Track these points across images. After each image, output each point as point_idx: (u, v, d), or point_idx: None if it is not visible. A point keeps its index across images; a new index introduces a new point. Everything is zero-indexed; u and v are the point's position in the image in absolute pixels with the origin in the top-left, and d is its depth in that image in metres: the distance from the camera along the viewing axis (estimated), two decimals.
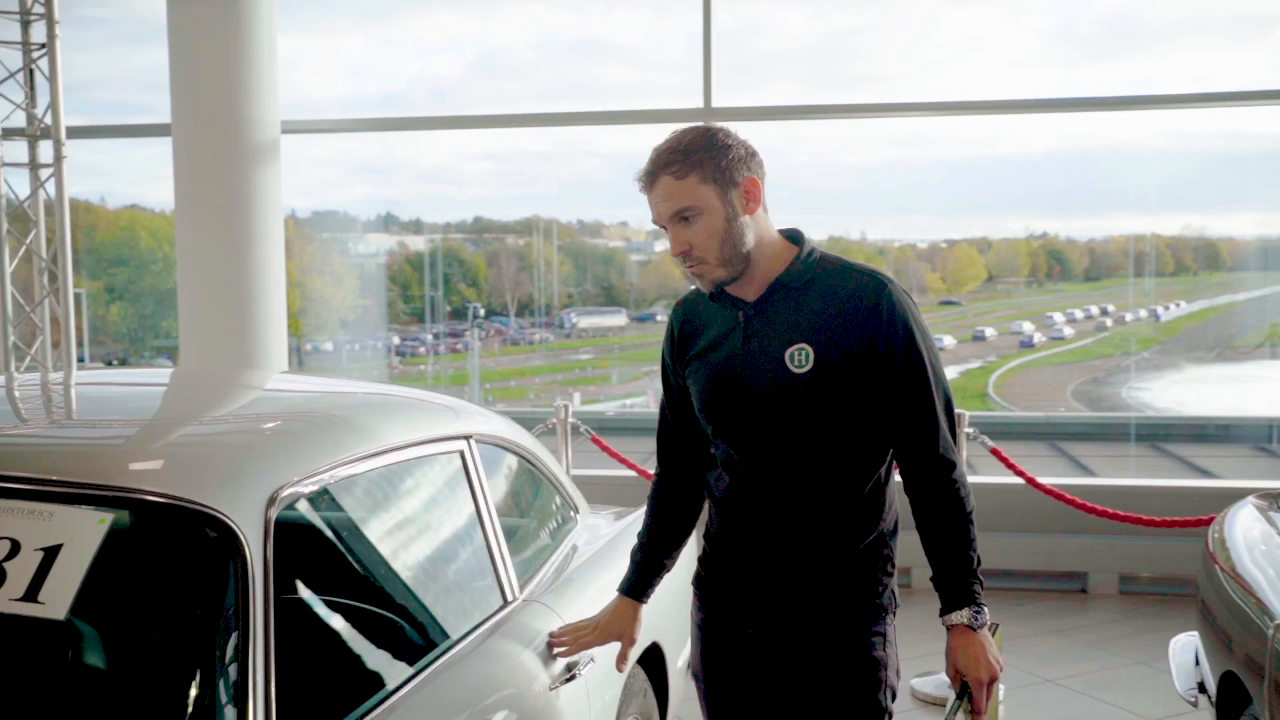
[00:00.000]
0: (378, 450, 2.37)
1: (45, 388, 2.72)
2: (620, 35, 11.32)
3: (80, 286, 12.84)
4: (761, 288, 2.20)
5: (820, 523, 2.20)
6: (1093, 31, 10.99)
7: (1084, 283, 12.45)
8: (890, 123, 8.09)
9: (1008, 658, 4.92)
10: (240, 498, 1.95)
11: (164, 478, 1.94)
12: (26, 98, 5.77)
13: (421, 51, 12.62)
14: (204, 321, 5.75)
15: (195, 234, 5.72)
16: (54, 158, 5.90)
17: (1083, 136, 11.17)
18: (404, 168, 13.87)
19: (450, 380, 13.35)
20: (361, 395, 2.86)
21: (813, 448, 2.17)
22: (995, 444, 5.08)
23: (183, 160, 5.67)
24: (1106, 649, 5.10)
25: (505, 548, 2.74)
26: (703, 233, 2.13)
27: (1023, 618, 5.53)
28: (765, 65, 10.95)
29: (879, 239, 12.43)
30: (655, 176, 2.15)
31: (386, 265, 13.62)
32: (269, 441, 2.23)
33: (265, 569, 1.91)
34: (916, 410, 2.15)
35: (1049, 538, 5.90)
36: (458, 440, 2.72)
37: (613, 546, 3.33)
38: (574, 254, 12.94)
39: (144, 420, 2.41)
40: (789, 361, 2.14)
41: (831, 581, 2.21)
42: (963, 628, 2.14)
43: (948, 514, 2.16)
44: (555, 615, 2.72)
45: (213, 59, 5.58)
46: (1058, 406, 11.74)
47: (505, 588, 2.68)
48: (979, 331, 13.23)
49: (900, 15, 10.09)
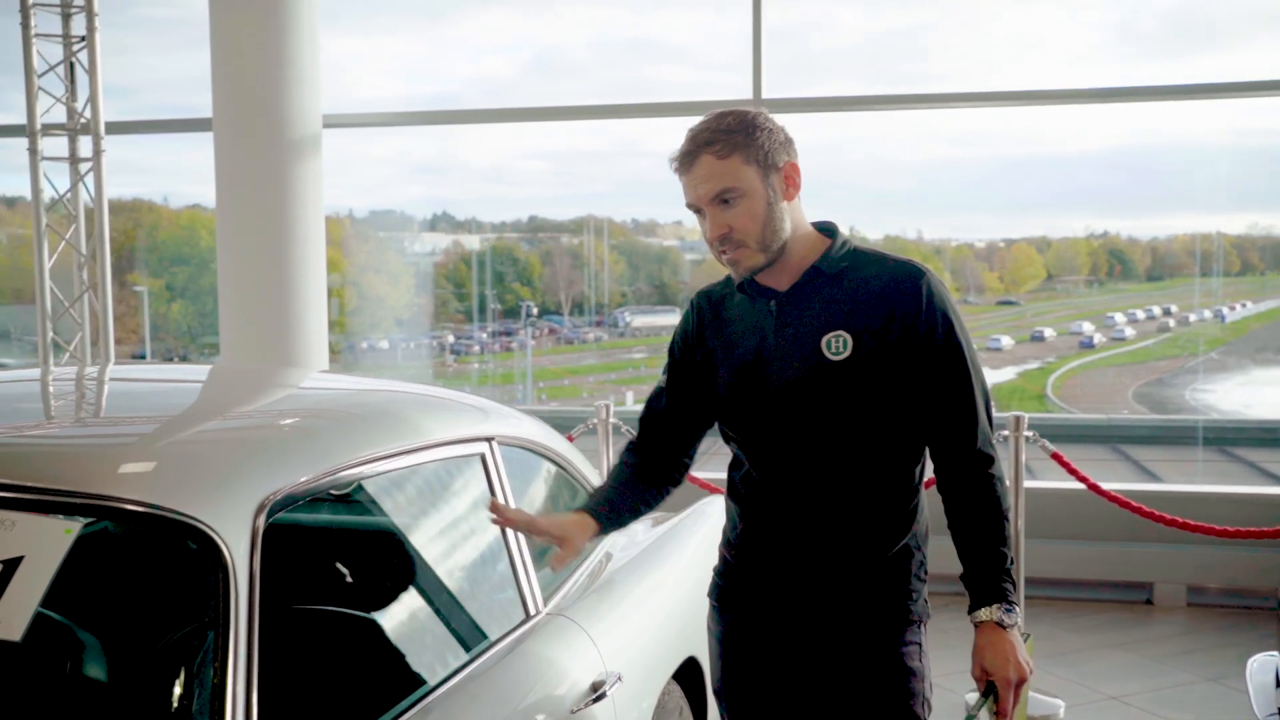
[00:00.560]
0: (390, 452, 2.18)
1: (44, 384, 2.56)
2: (676, 34, 11.25)
3: (142, 284, 12.94)
4: (795, 275, 2.09)
5: (853, 524, 2.09)
6: (1156, 27, 10.70)
7: (1146, 282, 12.22)
8: (947, 121, 7.80)
9: (1068, 672, 4.68)
10: (226, 505, 1.77)
11: (144, 484, 1.76)
12: (67, 92, 5.67)
13: (477, 52, 12.59)
14: (244, 317, 5.61)
15: (235, 228, 5.58)
16: (93, 152, 5.80)
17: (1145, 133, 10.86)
18: (460, 167, 13.88)
19: (502, 379, 13.32)
20: (381, 395, 2.68)
21: (848, 442, 2.06)
22: (1055, 446, 4.78)
23: (223, 155, 5.53)
24: (1174, 664, 4.79)
25: (529, 557, 2.53)
26: (744, 215, 2.02)
27: (1083, 630, 5.23)
28: (822, 63, 10.77)
29: (935, 238, 12.29)
30: (695, 155, 2.03)
31: (441, 264, 13.66)
32: (269, 443, 2.04)
33: (251, 580, 1.73)
34: (955, 401, 2.06)
35: (1112, 546, 5.57)
36: (479, 442, 2.52)
37: (649, 554, 3.13)
38: (628, 253, 12.92)
39: (142, 420, 2.23)
40: (826, 349, 2.04)
41: (863, 587, 2.11)
42: (992, 625, 2.02)
43: (984, 509, 2.06)
44: (581, 630, 2.52)
45: (254, 51, 5.44)
46: (1119, 408, 11.41)
47: (528, 600, 2.48)
48: (1037, 332, 13.05)
49: (958, 13, 9.89)
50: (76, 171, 5.85)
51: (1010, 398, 12.27)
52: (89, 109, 5.64)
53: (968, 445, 2.06)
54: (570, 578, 2.73)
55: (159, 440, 2.01)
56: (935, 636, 2.32)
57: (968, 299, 12.49)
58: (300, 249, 5.55)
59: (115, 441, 2.01)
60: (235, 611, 1.68)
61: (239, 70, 5.44)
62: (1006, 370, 12.62)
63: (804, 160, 2.14)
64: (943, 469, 2.10)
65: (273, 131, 5.46)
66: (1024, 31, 9.92)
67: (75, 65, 5.60)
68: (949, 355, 2.05)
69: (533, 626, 2.43)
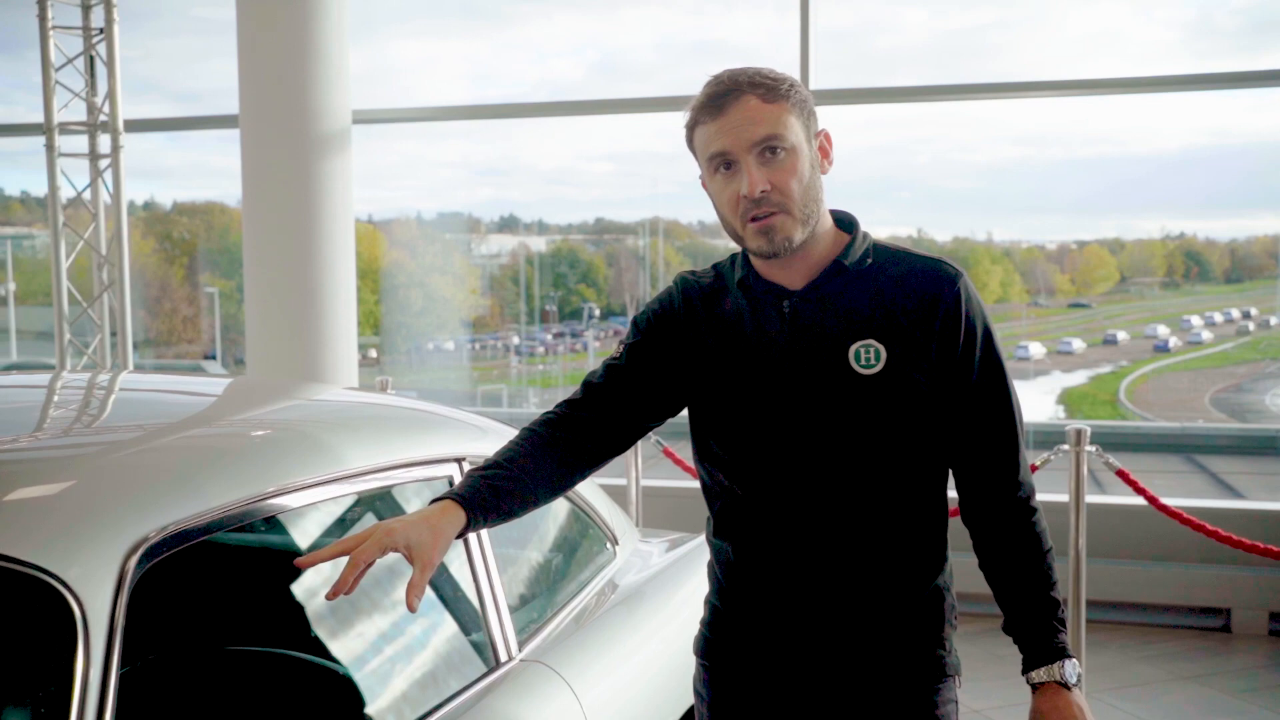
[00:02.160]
0: (329, 478, 1.82)
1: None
2: (740, 35, 11.13)
3: (213, 286, 12.94)
4: (811, 272, 1.73)
5: (881, 562, 1.76)
6: (1233, 23, 10.20)
7: (1224, 284, 11.81)
8: (1015, 121, 7.32)
9: (1136, 708, 4.18)
10: (83, 549, 1.43)
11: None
12: (87, 86, 5.42)
13: (543, 55, 12.45)
14: (269, 321, 5.33)
15: (261, 228, 5.31)
16: (111, 148, 5.54)
17: (1220, 133, 10.40)
18: (525, 170, 13.77)
19: (567, 380, 13.21)
20: (336, 407, 2.32)
21: (876, 467, 1.73)
22: (1125, 456, 4.28)
23: (250, 152, 5.25)
24: (1256, 700, 4.25)
25: (501, 595, 2.15)
26: (788, 172, 1.66)
27: (1155, 659, 4.70)
28: (889, 63, 10.51)
29: (1005, 239, 12.00)
30: (736, 95, 1.66)
31: (507, 266, 13.58)
32: (166, 471, 1.68)
33: (109, 636, 1.39)
34: (995, 425, 1.75)
35: (1186, 568, 5.02)
36: (446, 464, 2.15)
37: (660, 583, 2.73)
38: (693, 254, 12.89)
39: (37, 446, 1.88)
40: (854, 361, 1.70)
41: (893, 636, 1.77)
42: (1055, 686, 1.71)
43: (1027, 551, 1.75)
44: (560, 679, 2.13)
45: (280, 46, 5.15)
46: (1195, 415, 10.85)
47: (498, 645, 2.10)
48: (1110, 335, 12.68)
49: (1027, 11, 9.45)
50: (95, 169, 5.60)
51: (1081, 403, 11.77)
52: (108, 104, 5.40)
53: (1008, 475, 1.75)
54: (554, 617, 2.34)
55: (37, 470, 1.67)
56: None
57: (1038, 301, 12.04)
58: (328, 247, 5.25)
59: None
60: (88, 672, 1.36)
61: (265, 65, 5.16)
62: (1078, 374, 12.20)
63: (870, 160, 1.77)
64: (975, 500, 1.78)
65: (299, 127, 5.17)
66: (1094, 30, 9.53)
67: (94, 59, 5.36)
68: (989, 371, 1.74)
69: (502, 675, 2.05)
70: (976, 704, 4.06)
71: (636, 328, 1.85)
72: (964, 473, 1.78)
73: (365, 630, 1.90)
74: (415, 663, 1.97)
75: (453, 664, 2.01)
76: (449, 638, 2.05)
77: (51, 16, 5.32)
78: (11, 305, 12.08)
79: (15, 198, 13.06)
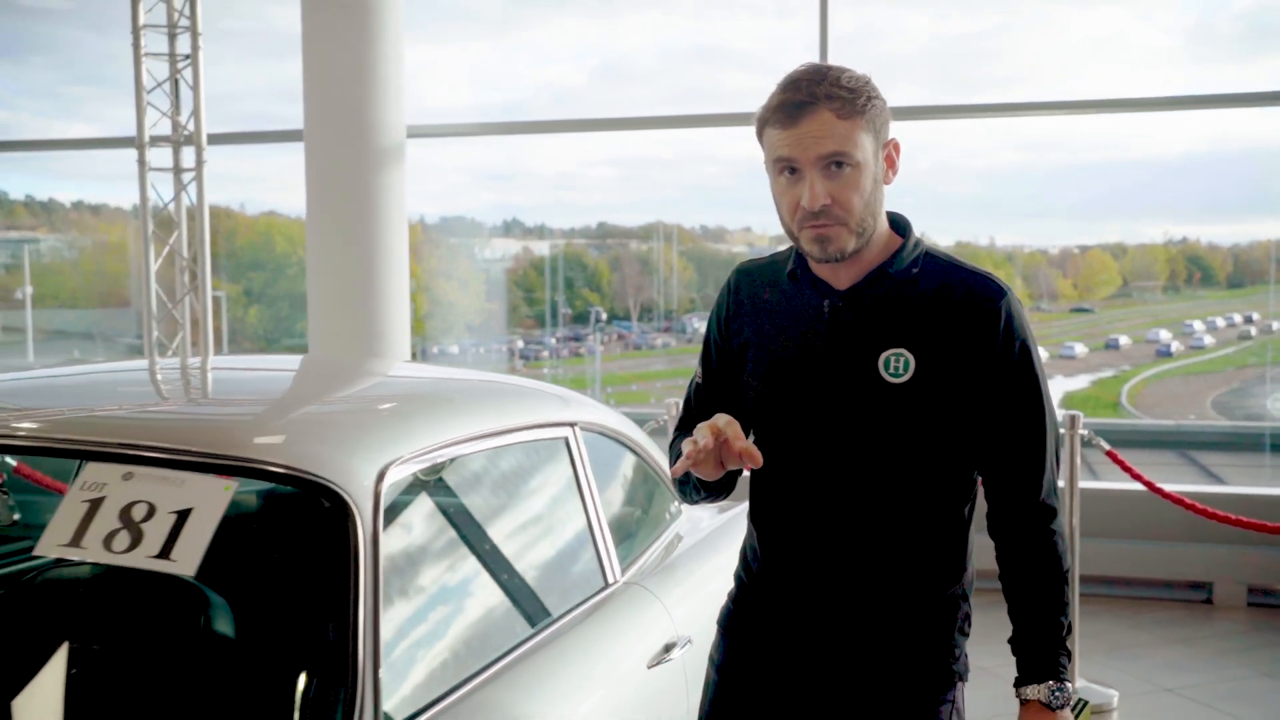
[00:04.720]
0: (485, 432, 2.51)
1: (184, 371, 2.95)
2: (741, 41, 11.36)
3: (220, 289, 13.41)
4: (858, 274, 1.85)
5: (900, 563, 1.89)
6: (1234, 30, 10.65)
7: (1226, 289, 12.10)
8: (1016, 127, 7.97)
9: (1124, 665, 4.88)
10: (352, 471, 2.09)
11: (283, 451, 2.10)
12: (172, 106, 6.14)
13: (545, 60, 12.82)
14: (332, 321, 6.01)
15: (324, 235, 5.99)
16: (195, 163, 6.27)
17: (1221, 139, 10.86)
18: (529, 175, 14.08)
19: (571, 384, 13.54)
20: (474, 382, 3.01)
21: (896, 474, 1.86)
22: (1120, 452, 4.98)
23: (314, 164, 5.94)
24: (1232, 660, 4.98)
25: (608, 531, 2.85)
26: (850, 188, 1.75)
27: (1143, 625, 5.43)
28: (889, 69, 10.85)
29: (1007, 244, 12.25)
30: (812, 107, 1.74)
31: (511, 270, 13.87)
32: (380, 420, 2.38)
33: (374, 540, 2.05)
34: (1024, 445, 1.85)
35: (1172, 546, 5.78)
36: (563, 427, 2.84)
37: (716, 536, 3.41)
38: (696, 259, 12.99)
39: (269, 400, 2.59)
40: (883, 368, 1.81)
41: (903, 635, 1.91)
42: (1038, 705, 1.83)
43: (1042, 570, 1.86)
44: (655, 598, 2.82)
45: (343, 65, 5.84)
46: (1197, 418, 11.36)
47: (607, 570, 2.79)
48: (1112, 339, 12.92)
49: (1027, 17, 9.87)
50: (180, 181, 6.34)
51: (1083, 406, 12.25)
52: (192, 122, 6.11)
53: (1031, 494, 1.86)
54: (644, 553, 3.05)
55: (293, 415, 2.37)
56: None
57: (1040, 305, 12.48)
58: (385, 256, 5.94)
59: (257, 416, 2.36)
60: (363, 566, 1.98)
61: (329, 82, 5.85)
62: (1080, 378, 12.58)
63: None
64: (999, 514, 1.90)
65: (360, 140, 5.86)
66: (1095, 35, 9.94)
67: (180, 82, 6.08)
68: (1023, 391, 1.83)
69: (611, 593, 2.75)
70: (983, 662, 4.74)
71: (707, 339, 2.05)
72: (992, 485, 1.89)
73: (531, 556, 2.61)
74: (558, 578, 2.67)
75: (579, 582, 2.71)
76: (577, 564, 2.74)
77: (144, 45, 6.05)
78: (29, 307, 12.61)
79: (19, 201, 13.57)
